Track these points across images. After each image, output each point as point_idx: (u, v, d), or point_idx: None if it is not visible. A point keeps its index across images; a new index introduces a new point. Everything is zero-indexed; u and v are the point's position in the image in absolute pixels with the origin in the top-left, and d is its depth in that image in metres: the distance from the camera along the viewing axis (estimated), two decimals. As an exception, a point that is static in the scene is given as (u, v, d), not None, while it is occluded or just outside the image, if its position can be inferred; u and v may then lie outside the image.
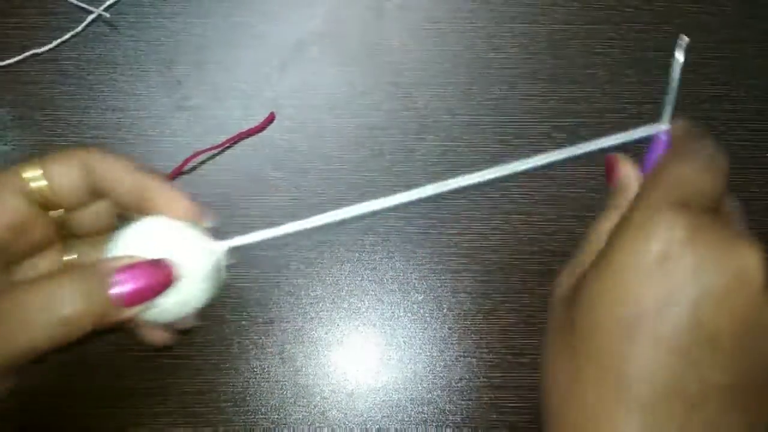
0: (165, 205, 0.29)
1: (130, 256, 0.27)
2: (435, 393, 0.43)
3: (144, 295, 0.27)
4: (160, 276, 0.27)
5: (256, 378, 0.42)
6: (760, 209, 0.47)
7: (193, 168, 0.45)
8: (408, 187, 0.45)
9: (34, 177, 0.29)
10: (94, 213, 0.31)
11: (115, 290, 0.26)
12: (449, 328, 0.44)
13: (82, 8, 0.46)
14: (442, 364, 0.44)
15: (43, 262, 0.32)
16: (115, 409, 0.41)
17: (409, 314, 0.44)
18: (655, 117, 0.47)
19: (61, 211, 0.31)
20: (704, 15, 0.50)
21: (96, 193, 0.30)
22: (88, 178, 0.30)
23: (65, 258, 0.32)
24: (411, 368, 0.43)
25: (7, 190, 0.29)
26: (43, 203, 0.30)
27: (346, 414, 0.42)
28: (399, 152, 0.46)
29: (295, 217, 0.45)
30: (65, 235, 0.32)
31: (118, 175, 0.30)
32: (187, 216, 0.29)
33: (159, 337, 0.31)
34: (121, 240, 0.28)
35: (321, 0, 0.49)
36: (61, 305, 0.25)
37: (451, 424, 0.43)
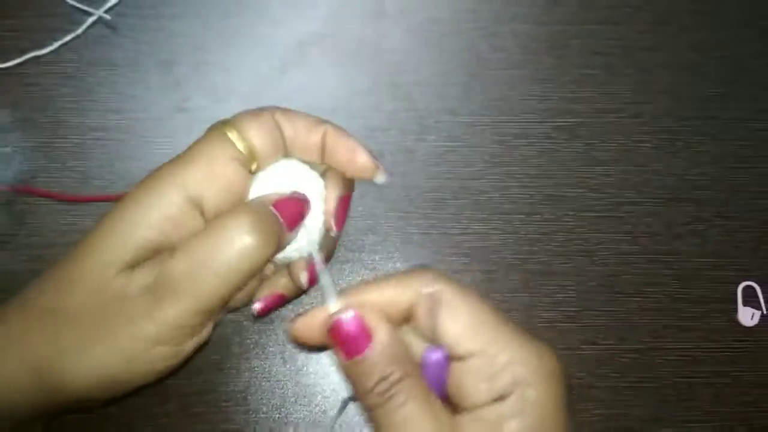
0: (347, 161, 0.34)
1: (281, 193, 0.33)
2: (435, 393, 0.43)
3: (297, 220, 0.33)
4: (302, 205, 0.33)
5: (257, 378, 0.42)
6: (761, 209, 0.47)
7: (194, 169, 0.45)
8: (408, 188, 0.46)
9: (236, 142, 0.32)
10: None
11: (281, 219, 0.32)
12: (449, 329, 0.44)
13: (83, 10, 0.46)
14: (442, 364, 0.43)
15: None
16: (115, 410, 0.41)
17: (410, 314, 0.44)
18: (654, 117, 0.48)
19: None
20: (705, 14, 0.50)
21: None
22: (279, 139, 0.33)
23: None
24: (411, 368, 0.43)
25: (225, 156, 0.32)
26: (244, 164, 0.33)
27: (347, 413, 0.42)
28: (399, 153, 0.46)
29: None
30: None
31: (304, 134, 0.34)
32: (363, 173, 0.35)
33: (303, 278, 0.35)
34: (265, 180, 0.34)
35: (321, 1, 0.49)
36: (247, 234, 0.30)
37: (451, 425, 0.43)
